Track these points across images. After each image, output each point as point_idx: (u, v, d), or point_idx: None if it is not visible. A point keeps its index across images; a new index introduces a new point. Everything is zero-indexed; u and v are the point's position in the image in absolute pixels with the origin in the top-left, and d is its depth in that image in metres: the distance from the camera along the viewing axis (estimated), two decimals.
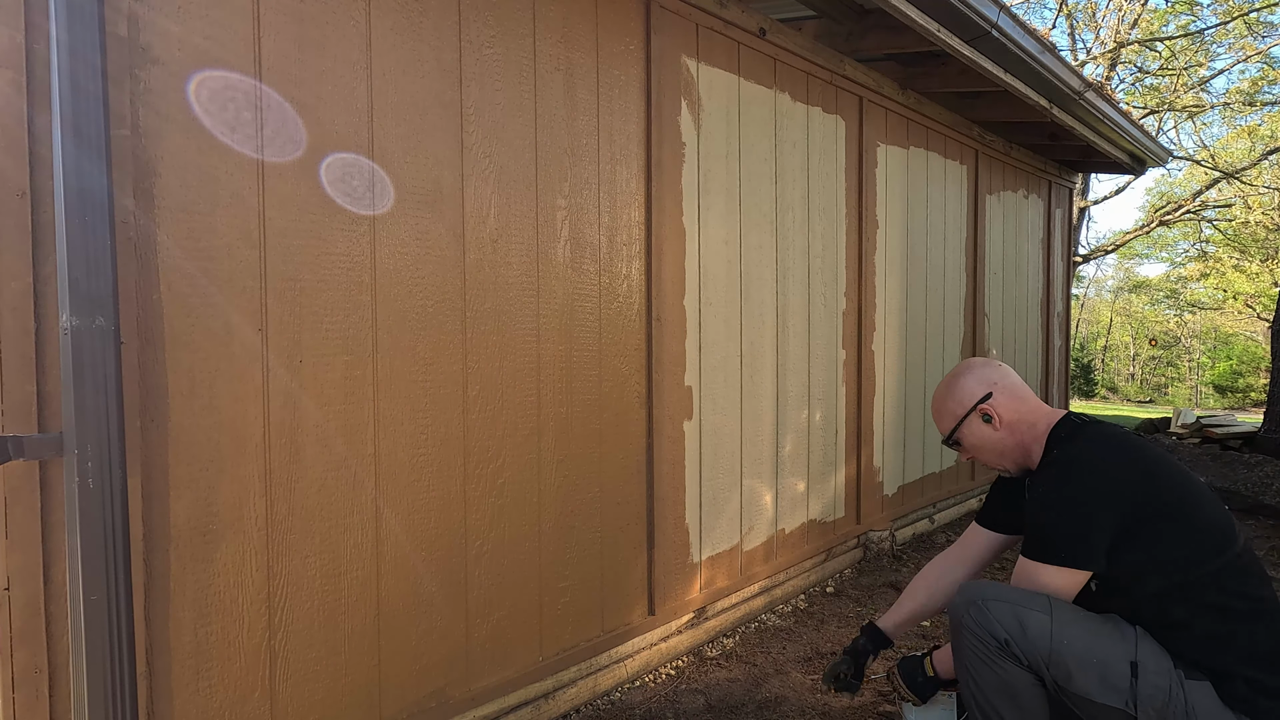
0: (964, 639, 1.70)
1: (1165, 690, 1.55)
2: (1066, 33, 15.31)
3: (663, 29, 2.78)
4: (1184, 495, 1.66)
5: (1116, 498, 1.65)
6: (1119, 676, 1.57)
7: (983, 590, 1.72)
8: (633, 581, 2.74)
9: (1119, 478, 1.67)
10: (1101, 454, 1.71)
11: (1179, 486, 1.67)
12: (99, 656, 1.43)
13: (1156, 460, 1.71)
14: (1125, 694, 1.56)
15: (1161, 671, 1.56)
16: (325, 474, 1.89)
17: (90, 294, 1.42)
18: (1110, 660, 1.58)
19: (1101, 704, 1.58)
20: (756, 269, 3.28)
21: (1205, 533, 1.63)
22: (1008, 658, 1.64)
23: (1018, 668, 1.64)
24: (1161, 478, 1.68)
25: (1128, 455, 1.70)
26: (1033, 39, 3.85)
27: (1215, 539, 1.62)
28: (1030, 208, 5.99)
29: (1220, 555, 1.61)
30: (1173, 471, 1.70)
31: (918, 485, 4.61)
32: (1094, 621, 1.66)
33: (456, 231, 2.15)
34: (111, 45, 1.51)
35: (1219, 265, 20.11)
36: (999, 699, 1.67)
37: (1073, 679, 1.59)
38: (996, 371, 1.91)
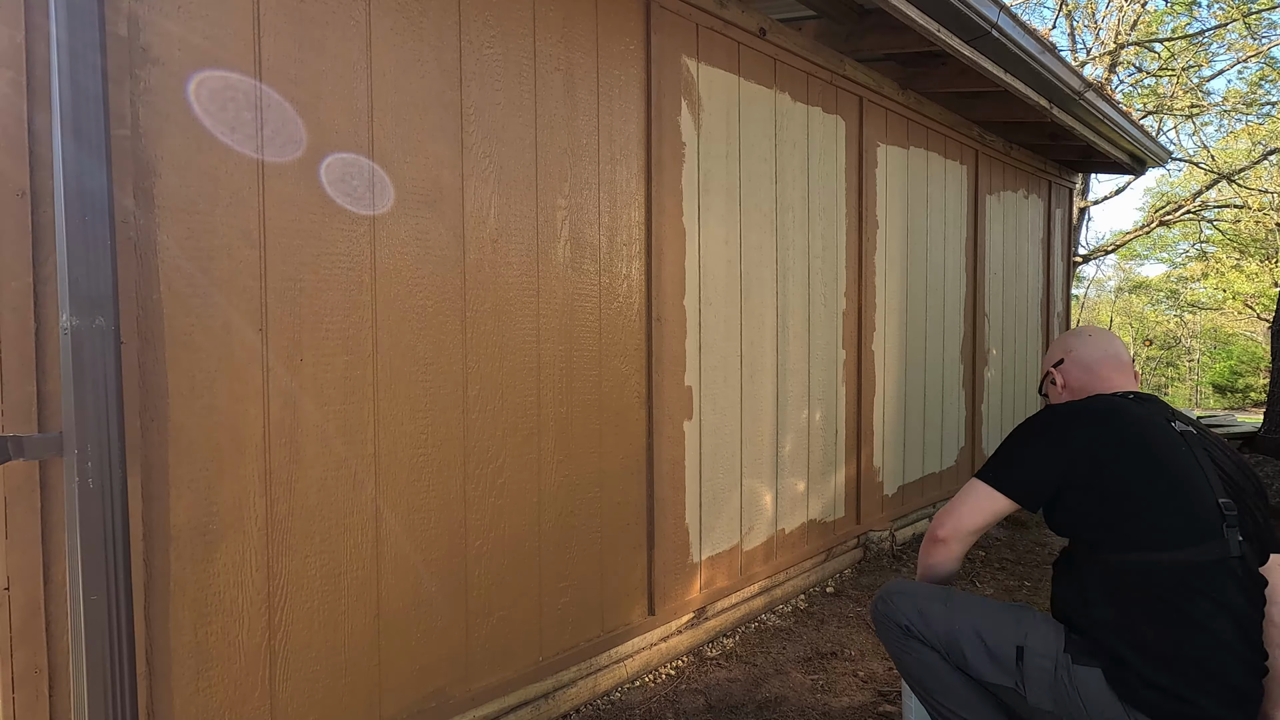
0: (879, 629, 1.92)
1: (1050, 672, 1.66)
2: (1066, 33, 15.31)
3: (663, 29, 2.78)
4: (1145, 488, 1.67)
5: (1063, 449, 1.73)
6: (1006, 659, 1.71)
7: (891, 586, 1.92)
8: (633, 581, 2.74)
9: (1076, 434, 1.74)
10: (1082, 414, 1.79)
11: (1146, 478, 1.68)
12: (99, 656, 1.43)
13: (1140, 444, 1.71)
14: (1014, 675, 1.70)
15: (1047, 655, 1.67)
16: (325, 474, 1.89)
17: (90, 294, 1.42)
18: (999, 645, 1.73)
19: (995, 684, 1.73)
20: (756, 269, 3.28)
21: (1147, 528, 1.65)
22: (913, 639, 1.82)
23: (924, 647, 1.81)
24: (1129, 457, 1.70)
25: (1105, 423, 1.75)
26: (1033, 39, 3.85)
27: (1157, 538, 1.64)
28: (1030, 208, 6.00)
29: (1155, 553, 1.63)
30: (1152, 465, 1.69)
31: (918, 485, 4.61)
32: (991, 609, 1.81)
33: (456, 231, 2.15)
34: (111, 45, 1.51)
35: (1219, 265, 20.11)
36: (920, 673, 1.84)
37: (968, 661, 1.76)
38: (1079, 341, 2.00)
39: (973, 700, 1.78)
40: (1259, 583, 1.67)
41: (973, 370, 5.20)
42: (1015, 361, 5.89)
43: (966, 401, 5.17)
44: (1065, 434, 1.76)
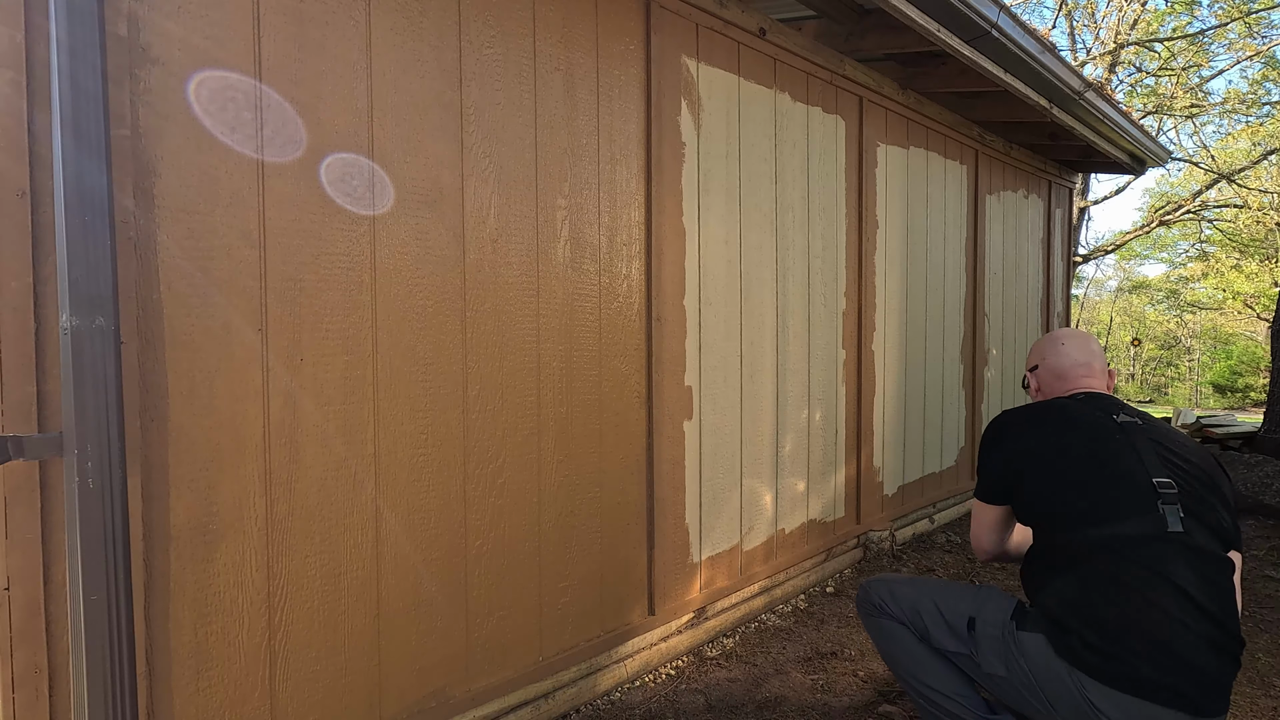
0: (859, 611, 2.21)
1: (998, 641, 1.84)
2: (1066, 33, 15.32)
3: (663, 29, 2.78)
4: (1079, 475, 1.85)
5: (1008, 451, 1.99)
6: (960, 629, 1.93)
7: (872, 578, 2.22)
8: (633, 581, 2.74)
9: (1016, 436, 2.00)
10: (1022, 418, 2.03)
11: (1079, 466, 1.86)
12: (99, 656, 1.43)
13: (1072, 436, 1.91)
14: (968, 643, 1.91)
15: (995, 624, 1.87)
16: (325, 474, 1.89)
17: (90, 294, 1.42)
18: (954, 616, 1.95)
19: (954, 651, 1.95)
20: (756, 269, 3.28)
21: (1077, 505, 1.82)
22: (885, 615, 2.10)
23: (894, 622, 2.08)
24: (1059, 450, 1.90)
25: (1042, 422, 1.98)
26: (1033, 39, 3.85)
27: (1091, 516, 1.80)
28: (1030, 208, 6.00)
29: (1089, 530, 1.78)
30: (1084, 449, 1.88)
31: (918, 485, 4.61)
32: (953, 588, 2.07)
33: (456, 231, 2.15)
34: (111, 45, 1.51)
35: (1219, 265, 20.11)
36: (891, 647, 2.10)
37: (929, 633, 1.99)
38: (1052, 347, 2.19)
39: (938, 670, 1.99)
40: (1212, 557, 1.75)
41: (973, 370, 5.20)
42: (1015, 361, 5.89)
43: (966, 401, 5.17)
44: (1002, 440, 2.03)
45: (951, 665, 1.98)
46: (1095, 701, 1.68)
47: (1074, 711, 1.72)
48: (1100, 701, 1.68)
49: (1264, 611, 3.40)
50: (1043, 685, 1.76)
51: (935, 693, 2.00)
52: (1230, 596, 1.75)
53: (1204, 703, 1.66)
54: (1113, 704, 1.67)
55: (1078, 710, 1.71)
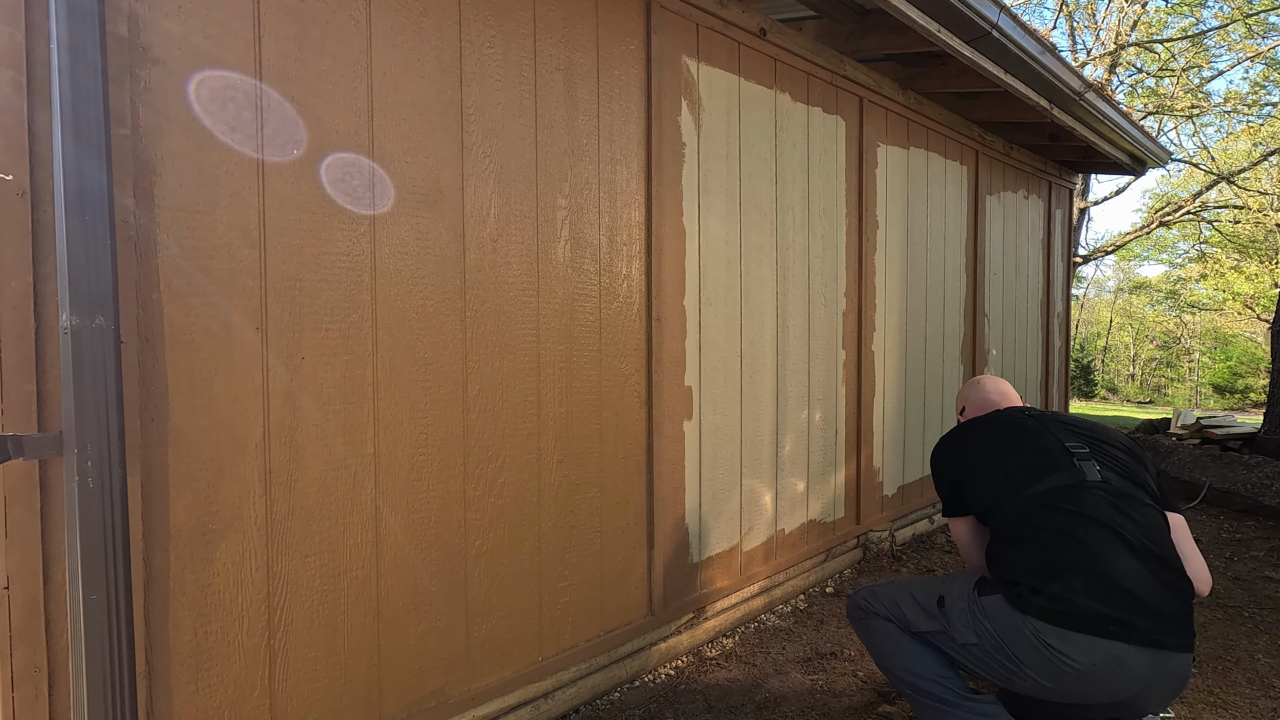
0: (849, 616, 2.35)
1: (964, 610, 1.99)
2: (1066, 33, 15.32)
3: (663, 29, 2.78)
4: (998, 456, 2.12)
5: (947, 468, 2.25)
6: (931, 608, 2.08)
7: (860, 587, 2.38)
8: (632, 581, 2.74)
9: (949, 455, 2.27)
10: (951, 438, 2.30)
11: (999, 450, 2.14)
12: (98, 656, 1.43)
13: (991, 436, 2.20)
14: (941, 619, 2.05)
15: (961, 596, 2.03)
16: (325, 473, 1.89)
17: (90, 293, 1.42)
18: (926, 599, 2.11)
19: (931, 630, 2.08)
20: (756, 269, 3.27)
21: (1006, 481, 2.06)
22: (871, 615, 2.23)
23: (878, 618, 2.21)
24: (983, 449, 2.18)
25: (965, 434, 2.27)
26: (1033, 39, 3.85)
27: (1018, 482, 2.02)
28: (1030, 208, 5.99)
29: (1019, 494, 2.00)
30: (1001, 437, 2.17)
31: (918, 485, 4.61)
32: (927, 581, 2.23)
33: (456, 231, 2.15)
34: (111, 45, 1.51)
35: (1218, 266, 20.10)
36: (877, 640, 2.21)
37: (910, 622, 2.12)
38: (972, 390, 2.47)
39: (920, 655, 2.10)
40: (1135, 500, 1.95)
41: (973, 370, 5.20)
42: (1015, 362, 5.90)
43: None
44: (943, 460, 2.28)
45: (933, 650, 2.09)
46: (1052, 644, 1.79)
47: (1040, 661, 1.81)
48: (1056, 643, 1.78)
49: (1264, 612, 3.40)
50: (1007, 641, 1.86)
51: (919, 677, 2.09)
52: (1164, 535, 1.92)
53: (1156, 635, 1.75)
54: (1068, 643, 1.77)
55: (1042, 659, 1.81)
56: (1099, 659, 1.75)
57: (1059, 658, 1.78)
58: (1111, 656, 1.75)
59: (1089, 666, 1.76)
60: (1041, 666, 1.81)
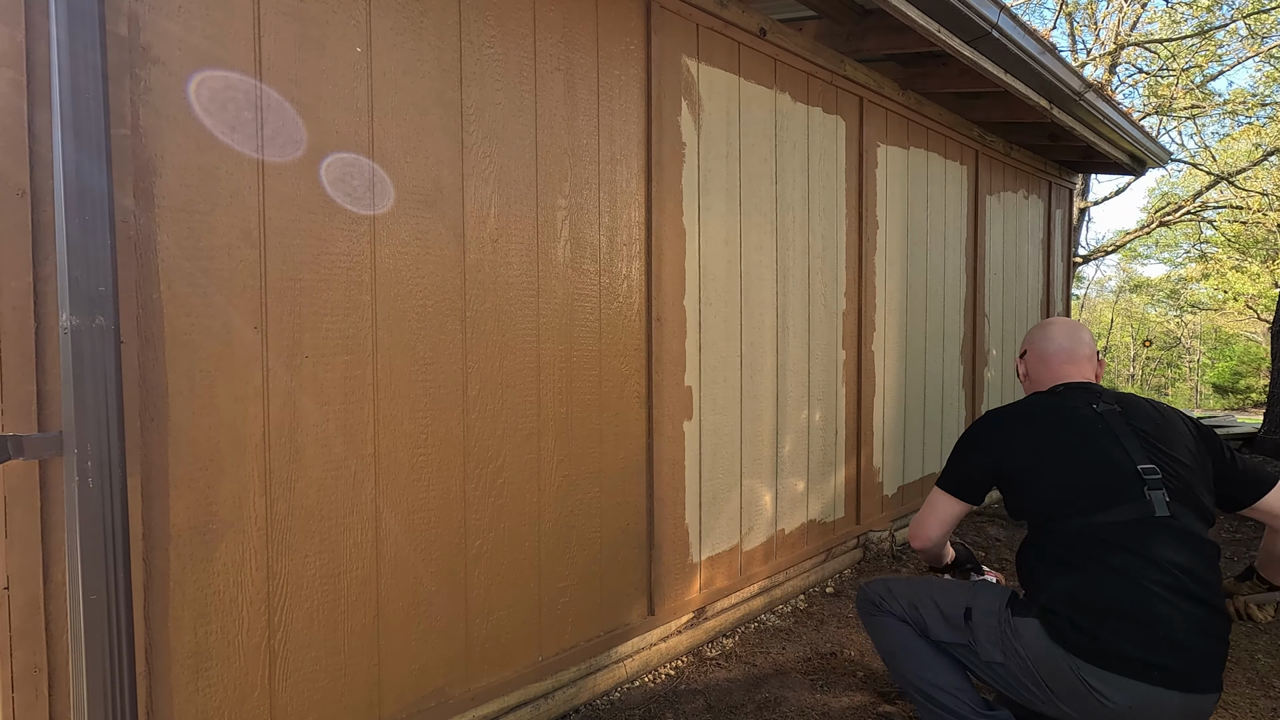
0: (858, 609, 2.23)
1: (995, 628, 1.88)
2: (1066, 33, 15.32)
3: (663, 29, 2.78)
4: (1064, 465, 1.90)
5: (990, 448, 2.02)
6: (957, 620, 1.96)
7: (870, 580, 2.21)
8: (632, 581, 2.74)
9: (1001, 434, 2.03)
10: (1008, 413, 2.07)
11: (1064, 456, 1.91)
12: (98, 656, 1.43)
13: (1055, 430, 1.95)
14: (965, 633, 1.94)
15: (990, 612, 1.90)
16: (325, 474, 1.89)
17: (90, 293, 1.42)
18: (951, 608, 1.99)
19: (952, 641, 1.98)
20: (756, 269, 3.27)
21: (1064, 495, 1.87)
22: (883, 612, 2.13)
23: (892, 618, 2.10)
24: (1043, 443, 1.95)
25: (1026, 417, 2.02)
26: (1033, 39, 3.85)
27: (1078, 505, 1.84)
28: (1030, 208, 5.99)
29: (1076, 518, 1.83)
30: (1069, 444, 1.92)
31: (918, 485, 4.61)
32: (948, 585, 2.09)
33: (456, 231, 2.16)
34: (111, 45, 1.51)
35: (1219, 266, 20.10)
36: (888, 642, 2.12)
37: (927, 626, 2.02)
38: (1040, 334, 2.22)
39: (936, 664, 2.01)
40: (1198, 540, 1.80)
41: (973, 370, 5.20)
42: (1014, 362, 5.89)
43: (966, 402, 5.17)
44: (988, 441, 2.04)
45: (949, 659, 2.01)
46: (1090, 682, 1.72)
47: (1071, 694, 1.75)
48: (1095, 682, 1.71)
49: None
50: (1038, 668, 1.79)
51: (933, 687, 2.01)
52: (1216, 572, 1.81)
53: (1196, 680, 1.70)
54: (1107, 684, 1.70)
55: (1075, 692, 1.74)
56: (1138, 701, 1.69)
57: (1096, 696, 1.72)
58: (1150, 699, 1.69)
59: (1125, 708, 1.70)
60: (1074, 700, 1.75)
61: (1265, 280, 19.60)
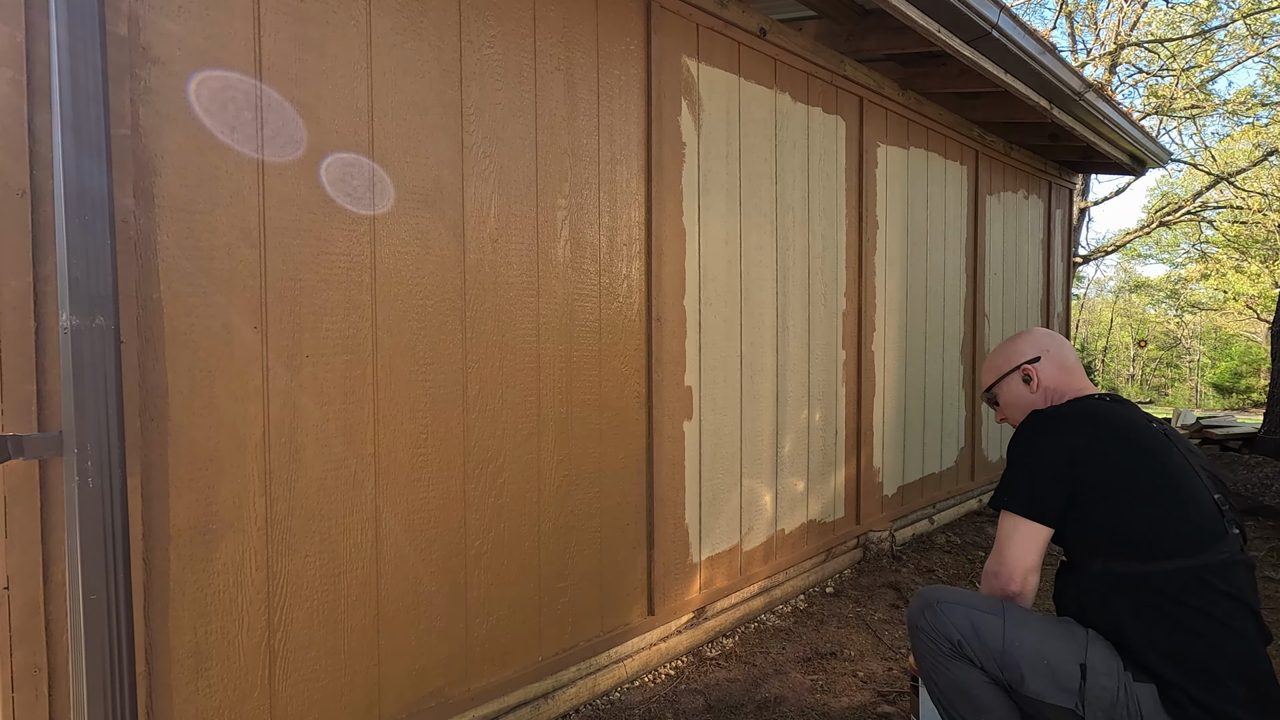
0: (919, 641, 1.76)
1: (1113, 692, 1.57)
2: (1067, 33, 15.32)
3: (663, 29, 2.78)
4: (1151, 488, 1.63)
5: (1067, 462, 1.67)
6: (1069, 678, 1.60)
7: (939, 593, 1.76)
8: (632, 581, 2.74)
9: (1078, 445, 1.68)
10: (1076, 422, 1.73)
11: (1150, 478, 1.64)
12: (98, 656, 1.43)
13: (1136, 448, 1.68)
14: (1075, 695, 1.59)
15: (1110, 673, 1.59)
16: (325, 474, 1.89)
17: (90, 293, 1.42)
18: (1060, 662, 1.61)
19: (1052, 704, 1.61)
20: (756, 269, 3.27)
21: (1164, 532, 1.61)
22: (960, 658, 1.69)
23: (971, 667, 1.68)
24: (1130, 463, 1.66)
25: (1102, 429, 1.70)
26: (1033, 40, 3.85)
27: (1175, 542, 1.60)
28: (1030, 208, 5.99)
29: (1172, 559, 1.58)
30: (1151, 463, 1.66)
31: (918, 486, 4.61)
32: (1046, 624, 1.69)
33: (456, 231, 2.16)
34: (111, 45, 1.51)
35: (1219, 266, 20.10)
36: (956, 697, 1.71)
37: (1025, 681, 1.63)
38: (1053, 341, 1.95)
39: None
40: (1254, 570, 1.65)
41: (973, 370, 5.20)
42: None
43: (966, 402, 5.17)
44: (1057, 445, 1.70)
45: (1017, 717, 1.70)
46: None
47: None
48: None
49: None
50: None
51: None
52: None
53: None
54: None
55: None
56: None
57: None
58: None
59: None
60: None
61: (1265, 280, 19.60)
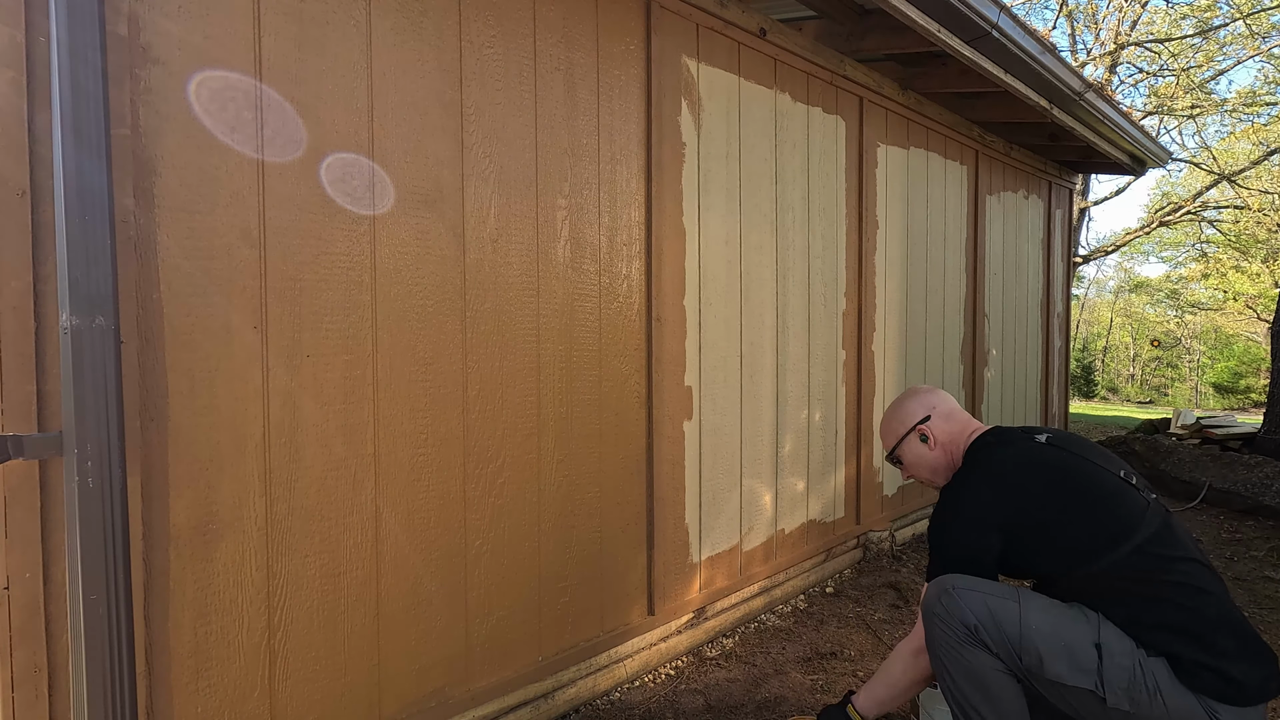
0: (934, 627, 1.78)
1: (1129, 669, 1.62)
2: (1067, 33, 15.32)
3: (663, 29, 2.78)
4: (1068, 500, 1.74)
5: (1002, 511, 1.79)
6: (1087, 659, 1.63)
7: (954, 580, 1.78)
8: (632, 581, 2.74)
9: (993, 498, 1.80)
10: (983, 478, 1.85)
11: (1062, 492, 1.75)
12: (98, 656, 1.43)
13: (1035, 474, 1.79)
14: (1094, 675, 1.63)
15: (1125, 652, 1.63)
16: (325, 473, 1.89)
17: (90, 293, 1.42)
18: (1077, 644, 1.65)
19: (1072, 686, 1.64)
20: (756, 269, 3.28)
21: (1100, 530, 1.70)
22: (976, 645, 1.71)
23: (986, 654, 1.71)
24: (1039, 491, 1.77)
25: (1000, 476, 1.83)
26: (1033, 39, 3.85)
27: (1113, 533, 1.69)
28: (1030, 208, 5.99)
29: (1118, 548, 1.67)
30: (1055, 478, 1.78)
31: (917, 486, 4.61)
32: (1059, 608, 1.73)
33: (456, 231, 2.16)
34: (111, 45, 1.51)
35: (1219, 266, 20.10)
36: (968, 685, 1.73)
37: (1044, 664, 1.66)
38: (935, 397, 2.12)
39: (1016, 713, 1.72)
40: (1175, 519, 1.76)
41: (973, 370, 5.20)
42: (1015, 362, 5.89)
43: (966, 402, 5.17)
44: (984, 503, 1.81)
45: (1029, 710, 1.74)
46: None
47: None
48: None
49: (1264, 612, 3.39)
50: (1173, 716, 1.59)
51: None
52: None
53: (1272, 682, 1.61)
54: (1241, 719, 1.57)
55: None
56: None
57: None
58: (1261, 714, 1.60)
59: None
60: None
61: (1265, 280, 19.60)
